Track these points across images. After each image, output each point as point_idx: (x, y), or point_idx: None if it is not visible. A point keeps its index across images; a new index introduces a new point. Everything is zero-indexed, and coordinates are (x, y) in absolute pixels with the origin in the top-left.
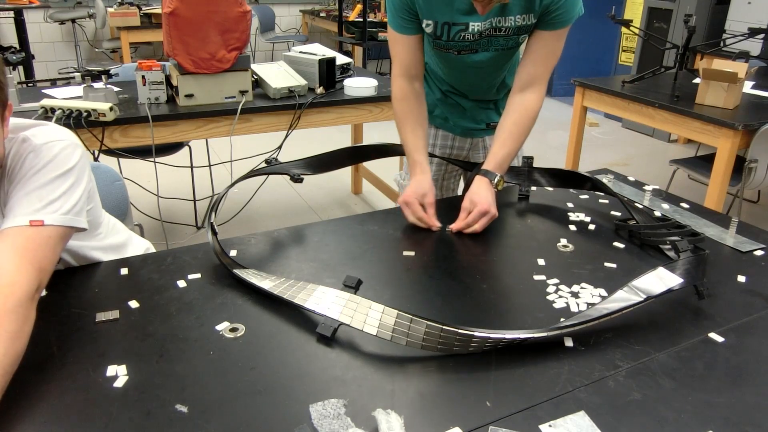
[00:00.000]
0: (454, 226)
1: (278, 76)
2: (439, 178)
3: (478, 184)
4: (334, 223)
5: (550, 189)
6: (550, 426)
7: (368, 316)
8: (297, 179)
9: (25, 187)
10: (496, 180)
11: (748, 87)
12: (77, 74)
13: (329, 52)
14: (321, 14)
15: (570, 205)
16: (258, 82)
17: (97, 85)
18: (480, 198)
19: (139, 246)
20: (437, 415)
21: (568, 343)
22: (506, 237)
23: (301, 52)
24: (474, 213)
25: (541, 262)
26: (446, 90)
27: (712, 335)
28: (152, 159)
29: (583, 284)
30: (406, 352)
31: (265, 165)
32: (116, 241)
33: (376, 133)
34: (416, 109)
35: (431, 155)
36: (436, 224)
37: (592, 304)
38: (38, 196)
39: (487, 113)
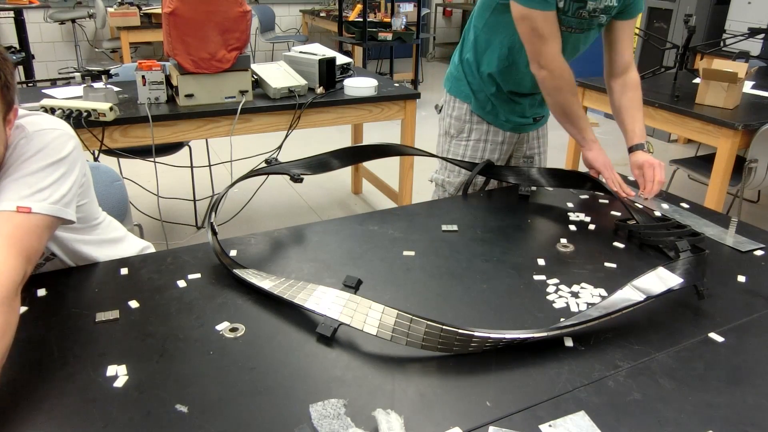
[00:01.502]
0: (647, 192)
1: (278, 76)
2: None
3: (635, 156)
4: (334, 223)
5: (550, 189)
6: (550, 426)
7: (368, 316)
8: (297, 179)
9: (15, 173)
10: (646, 146)
11: (748, 87)
12: (77, 74)
13: (329, 52)
14: (321, 14)
15: (570, 205)
16: (258, 82)
17: (97, 85)
18: (645, 158)
19: (136, 245)
20: (437, 415)
21: (568, 343)
22: (506, 237)
23: (301, 52)
24: (650, 168)
25: (541, 262)
26: (501, 82)
27: (712, 335)
28: (152, 159)
29: (583, 284)
30: (406, 352)
31: (265, 165)
32: (111, 237)
33: (376, 133)
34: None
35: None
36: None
37: (592, 304)
38: (27, 183)
39: (534, 109)
